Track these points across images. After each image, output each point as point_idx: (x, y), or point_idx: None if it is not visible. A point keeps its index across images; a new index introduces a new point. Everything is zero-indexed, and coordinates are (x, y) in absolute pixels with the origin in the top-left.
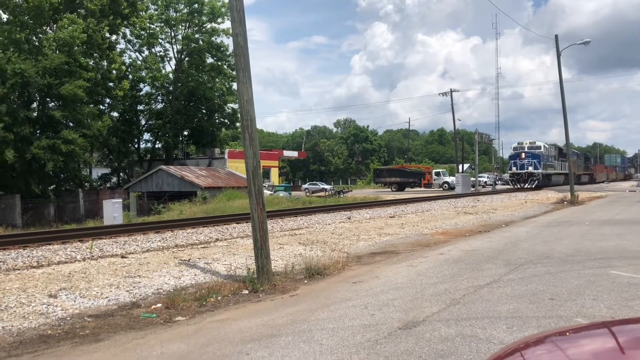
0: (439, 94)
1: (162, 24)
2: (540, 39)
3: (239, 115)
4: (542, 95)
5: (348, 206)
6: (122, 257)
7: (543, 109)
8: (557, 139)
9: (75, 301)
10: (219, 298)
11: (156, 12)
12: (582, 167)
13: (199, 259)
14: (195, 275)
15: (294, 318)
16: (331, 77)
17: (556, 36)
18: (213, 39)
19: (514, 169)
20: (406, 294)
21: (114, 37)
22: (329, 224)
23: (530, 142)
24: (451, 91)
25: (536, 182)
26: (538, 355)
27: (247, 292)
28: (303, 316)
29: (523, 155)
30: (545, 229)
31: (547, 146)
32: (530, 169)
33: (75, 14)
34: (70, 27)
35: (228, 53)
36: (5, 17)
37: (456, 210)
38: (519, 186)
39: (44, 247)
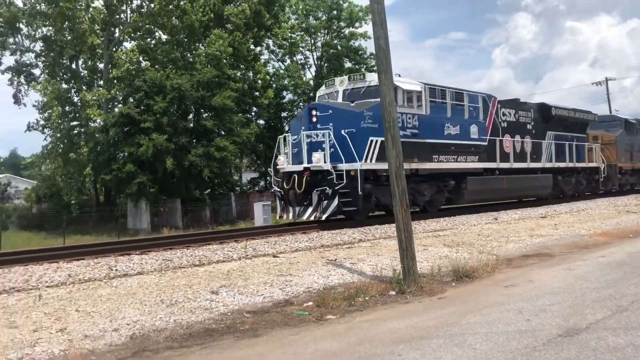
0: (592, 83)
1: (302, 33)
2: None
3: None
4: None
5: (494, 206)
6: (274, 256)
7: None
8: None
9: (234, 298)
10: (367, 298)
11: (297, 22)
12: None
13: (345, 259)
14: (342, 274)
15: (444, 321)
16: (471, 73)
17: None
18: (351, 43)
19: (280, 159)
20: (564, 299)
21: (258, 48)
22: (474, 225)
23: (357, 76)
24: (607, 80)
25: (334, 204)
26: None
27: (393, 293)
28: (453, 319)
29: (314, 116)
30: None
31: (431, 87)
32: (316, 157)
33: (222, 29)
34: (217, 43)
35: (366, 56)
36: (164, 37)
37: (616, 208)
38: (283, 215)
39: (204, 247)
